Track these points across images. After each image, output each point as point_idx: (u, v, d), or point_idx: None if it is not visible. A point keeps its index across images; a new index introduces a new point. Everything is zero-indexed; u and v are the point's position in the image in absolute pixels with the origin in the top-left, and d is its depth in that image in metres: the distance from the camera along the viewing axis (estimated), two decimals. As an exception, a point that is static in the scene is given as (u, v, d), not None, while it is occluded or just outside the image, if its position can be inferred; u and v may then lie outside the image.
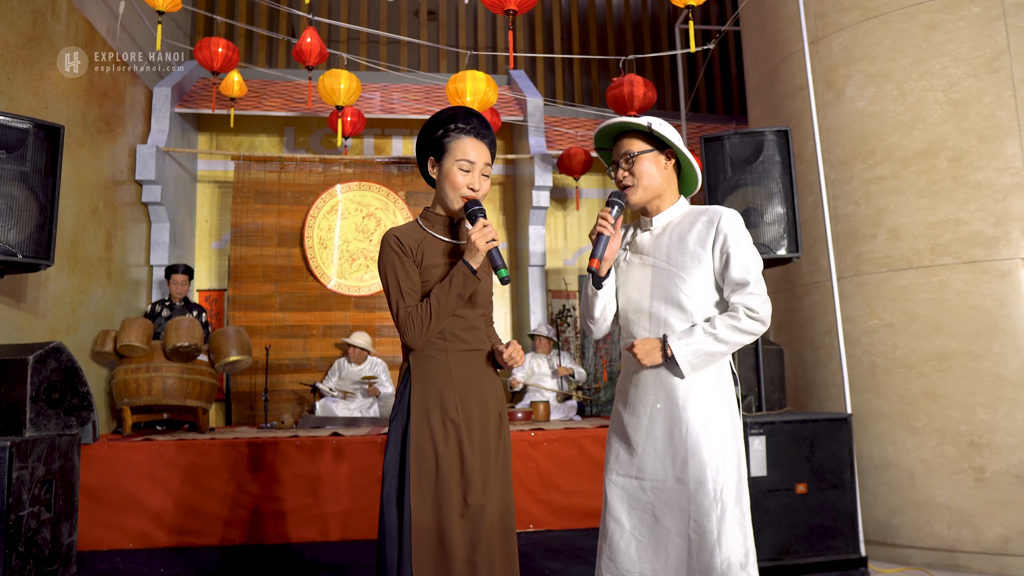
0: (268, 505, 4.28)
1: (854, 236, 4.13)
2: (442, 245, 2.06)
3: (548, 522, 4.54)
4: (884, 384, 3.96)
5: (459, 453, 1.96)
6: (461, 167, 2.00)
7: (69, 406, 3.62)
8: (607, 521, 2.07)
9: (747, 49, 5.31)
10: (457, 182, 2.00)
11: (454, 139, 2.02)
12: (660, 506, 1.98)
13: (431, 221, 2.08)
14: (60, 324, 4.98)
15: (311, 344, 7.20)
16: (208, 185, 7.66)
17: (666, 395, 2.00)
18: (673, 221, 2.11)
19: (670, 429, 1.99)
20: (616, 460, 2.08)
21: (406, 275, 1.98)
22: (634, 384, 2.07)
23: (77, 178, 5.27)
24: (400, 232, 2.03)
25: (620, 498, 2.05)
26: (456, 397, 1.98)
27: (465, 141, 2.02)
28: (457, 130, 2.03)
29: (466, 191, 2.00)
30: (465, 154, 2.00)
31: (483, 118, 2.09)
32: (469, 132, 2.03)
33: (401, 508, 1.91)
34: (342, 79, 5.83)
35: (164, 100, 6.72)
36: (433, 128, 2.07)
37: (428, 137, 2.08)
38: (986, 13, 3.84)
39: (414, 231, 2.06)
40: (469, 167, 2.00)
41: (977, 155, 3.80)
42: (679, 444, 1.97)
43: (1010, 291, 3.68)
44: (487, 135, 2.07)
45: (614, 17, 9.27)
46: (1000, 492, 3.61)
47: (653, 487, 1.99)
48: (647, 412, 2.03)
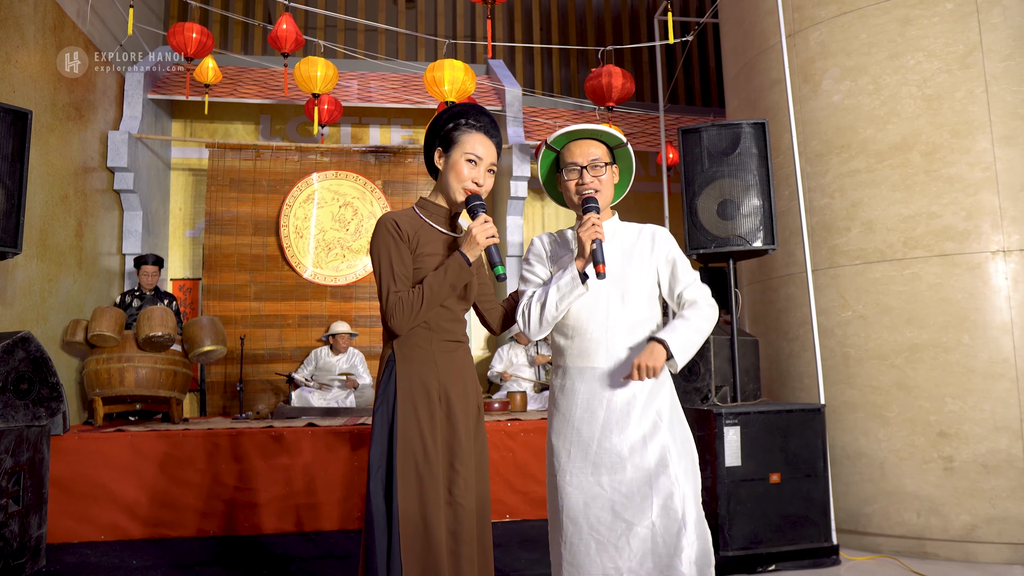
0: (243, 496, 4.25)
1: (829, 229, 4.17)
2: (438, 235, 2.06)
3: (524, 512, 4.55)
4: (857, 375, 4.02)
5: (445, 443, 1.96)
6: (468, 159, 2.03)
7: (38, 397, 3.56)
8: (564, 525, 2.04)
9: (725, 41, 5.33)
10: (463, 174, 2.02)
11: (464, 133, 2.05)
12: (619, 500, 1.99)
13: (429, 211, 2.09)
14: (29, 313, 4.89)
15: (287, 334, 7.14)
16: (182, 173, 7.55)
17: (621, 390, 2.05)
18: (617, 232, 2.20)
19: (627, 421, 2.03)
20: (568, 460, 2.07)
21: (400, 260, 1.97)
22: (584, 381, 2.09)
23: (46, 164, 5.16)
24: (398, 216, 2.03)
25: (576, 499, 2.03)
26: (441, 386, 1.98)
27: (475, 136, 2.05)
28: (468, 125, 2.06)
29: (470, 184, 2.02)
30: (474, 148, 2.03)
31: (494, 119, 2.13)
32: (479, 129, 2.06)
33: (390, 499, 1.90)
34: (319, 67, 5.76)
35: (137, 86, 6.61)
36: (444, 120, 2.09)
37: (438, 128, 2.10)
38: (960, 9, 3.88)
39: (412, 218, 2.06)
40: (477, 161, 2.03)
41: (950, 150, 3.85)
42: (637, 433, 2.02)
43: (980, 284, 3.74)
44: (495, 135, 2.10)
45: (593, 7, 9.26)
46: (967, 481, 3.68)
47: (611, 481, 2.00)
48: (603, 407, 2.05)
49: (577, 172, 2.15)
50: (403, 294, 1.95)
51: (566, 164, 2.17)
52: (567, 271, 2.06)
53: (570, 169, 2.16)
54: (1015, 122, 3.77)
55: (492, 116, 2.12)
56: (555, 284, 2.07)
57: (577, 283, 2.03)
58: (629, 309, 2.10)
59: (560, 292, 2.06)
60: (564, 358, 2.15)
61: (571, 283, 2.05)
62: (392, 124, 8.03)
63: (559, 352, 2.18)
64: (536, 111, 7.97)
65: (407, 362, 1.98)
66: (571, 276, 2.05)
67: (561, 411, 2.13)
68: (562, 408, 2.13)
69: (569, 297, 2.05)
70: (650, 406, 2.04)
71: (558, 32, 9.10)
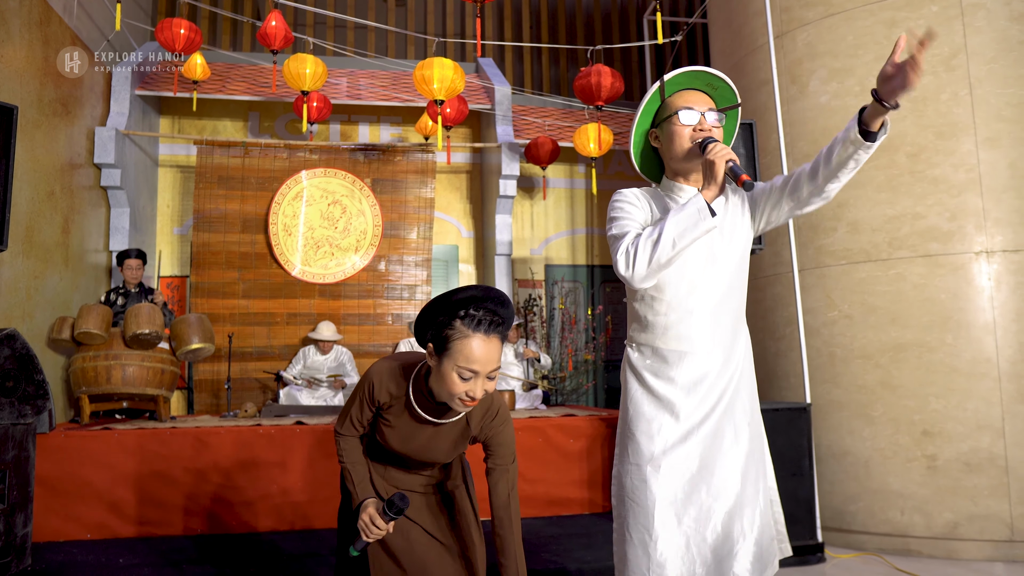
0: (230, 494, 4.24)
1: (815, 229, 4.20)
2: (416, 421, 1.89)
3: (513, 510, 4.56)
4: (843, 374, 4.05)
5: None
6: (462, 375, 1.67)
7: (24, 394, 3.54)
8: (653, 523, 1.82)
9: (714, 42, 5.36)
10: (455, 388, 1.69)
11: (460, 336, 1.67)
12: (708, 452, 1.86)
13: (418, 393, 1.86)
14: (14, 310, 4.85)
15: (275, 332, 7.12)
16: (170, 170, 7.51)
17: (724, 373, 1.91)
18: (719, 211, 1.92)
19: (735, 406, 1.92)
20: (659, 434, 1.87)
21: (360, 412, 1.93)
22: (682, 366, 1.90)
23: (32, 161, 5.12)
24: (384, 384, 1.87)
25: (667, 487, 1.84)
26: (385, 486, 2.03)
27: (472, 342, 1.66)
28: (466, 321, 1.67)
29: (464, 397, 1.69)
30: (469, 362, 1.66)
31: (501, 298, 1.74)
32: (480, 326, 1.67)
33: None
34: (308, 64, 5.74)
35: (124, 82, 6.56)
36: (439, 310, 1.72)
37: (431, 318, 1.74)
38: (945, 12, 3.92)
39: (397, 389, 1.87)
40: (472, 375, 1.67)
41: (934, 151, 3.89)
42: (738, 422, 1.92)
43: (963, 284, 3.78)
44: (502, 321, 1.72)
45: (583, 7, 9.27)
46: (950, 479, 3.72)
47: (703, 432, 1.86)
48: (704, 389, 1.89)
49: (696, 116, 1.87)
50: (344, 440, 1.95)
51: (678, 108, 1.88)
52: (689, 203, 1.74)
53: (686, 112, 1.87)
54: (998, 124, 3.81)
55: (499, 297, 1.73)
56: (673, 217, 1.74)
57: (705, 214, 1.71)
58: (737, 270, 1.93)
59: (680, 226, 1.72)
60: (651, 336, 1.94)
61: (696, 215, 1.72)
62: (381, 122, 8.01)
63: (642, 328, 1.95)
64: (525, 110, 7.97)
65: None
66: (696, 207, 1.72)
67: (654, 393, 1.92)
68: (654, 390, 1.91)
69: (693, 232, 1.72)
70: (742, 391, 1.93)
71: (548, 31, 9.11)
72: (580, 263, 8.21)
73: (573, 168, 8.23)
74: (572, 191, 8.28)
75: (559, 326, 7.75)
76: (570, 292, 8.08)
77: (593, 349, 7.70)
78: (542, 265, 8.07)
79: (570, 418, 4.84)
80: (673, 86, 1.92)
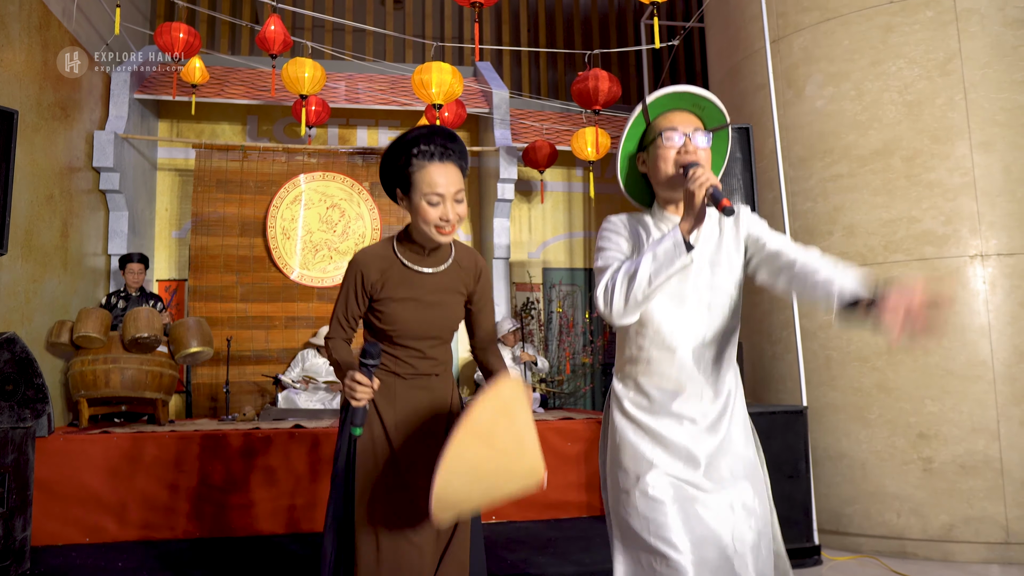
0: (229, 498, 4.24)
1: (812, 232, 4.23)
2: (410, 275, 1.99)
3: (511, 513, 4.57)
4: (839, 377, 4.07)
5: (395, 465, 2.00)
6: (430, 201, 1.86)
7: (23, 398, 3.54)
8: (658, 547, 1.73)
9: (711, 46, 5.38)
10: (428, 217, 1.87)
11: (418, 168, 1.86)
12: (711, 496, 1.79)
13: (405, 247, 2.00)
14: (13, 314, 4.86)
15: (273, 335, 7.12)
16: (168, 173, 7.52)
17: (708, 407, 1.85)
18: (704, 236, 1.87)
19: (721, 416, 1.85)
20: (644, 460, 1.80)
21: (350, 303, 1.99)
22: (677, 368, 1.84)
23: (31, 164, 5.13)
24: (368, 259, 1.97)
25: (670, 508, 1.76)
26: (396, 414, 2.01)
27: (431, 169, 1.86)
28: (421, 155, 1.87)
29: (439, 223, 1.87)
30: (432, 185, 1.85)
31: (447, 133, 1.91)
32: (434, 156, 1.86)
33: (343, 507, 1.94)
34: (306, 68, 5.76)
35: (123, 85, 6.58)
36: (395, 156, 1.92)
37: (391, 166, 1.94)
38: (939, 17, 3.95)
39: (384, 257, 1.98)
40: (439, 199, 1.86)
41: (930, 155, 3.91)
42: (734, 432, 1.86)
43: (958, 288, 3.81)
44: (454, 152, 1.90)
45: (580, 11, 9.30)
46: (946, 481, 3.74)
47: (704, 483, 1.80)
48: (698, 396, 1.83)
49: (681, 138, 1.79)
50: (334, 343, 2.00)
51: (661, 130, 1.81)
52: (667, 236, 1.68)
53: (668, 134, 1.79)
54: (993, 128, 3.84)
55: (445, 132, 1.92)
56: (650, 252, 1.69)
57: (681, 250, 1.63)
58: (724, 300, 1.87)
59: (657, 262, 1.66)
60: (633, 371, 1.89)
61: (672, 250, 1.65)
62: (380, 126, 8.03)
63: (626, 361, 1.90)
64: (523, 113, 8.00)
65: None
66: (673, 241, 1.65)
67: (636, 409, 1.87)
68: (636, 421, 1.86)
69: (668, 268, 1.66)
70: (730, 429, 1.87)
71: (545, 35, 9.13)
72: (578, 266, 8.22)
73: (571, 172, 8.25)
74: (570, 195, 8.31)
75: (557, 329, 7.76)
76: (568, 295, 8.10)
77: (591, 352, 7.71)
78: (540, 268, 8.09)
79: (568, 421, 4.86)
80: (657, 108, 1.84)
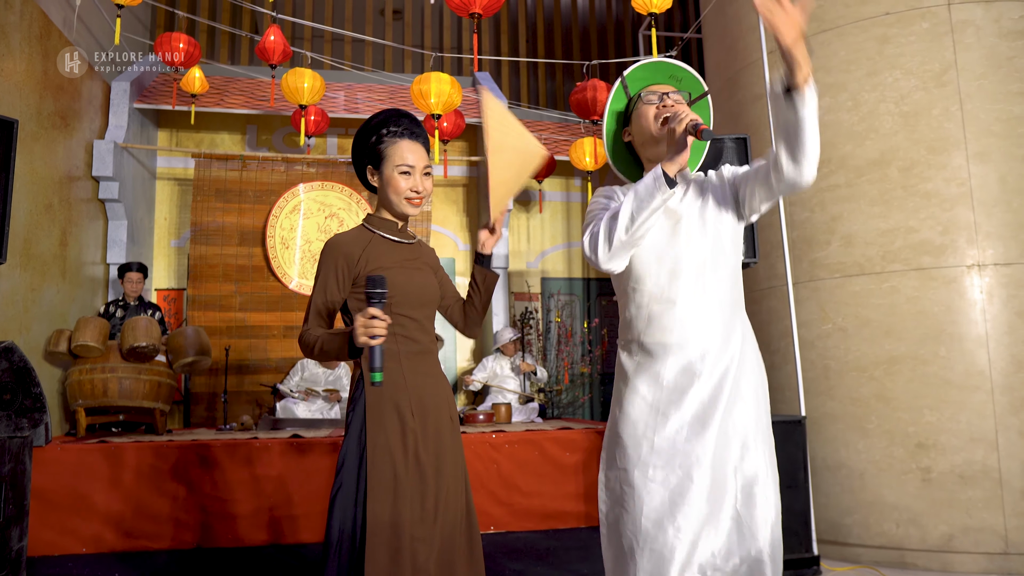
0: (227, 508, 4.23)
1: (809, 242, 4.24)
2: (390, 246, 2.06)
3: (509, 523, 4.56)
4: (837, 387, 4.07)
5: (416, 456, 1.94)
6: (401, 171, 2.01)
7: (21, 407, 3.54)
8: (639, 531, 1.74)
9: (708, 57, 5.41)
10: (400, 187, 2.01)
11: (389, 144, 2.03)
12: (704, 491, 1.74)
13: (376, 225, 2.08)
14: (12, 323, 4.86)
15: (272, 345, 7.12)
16: (168, 182, 7.53)
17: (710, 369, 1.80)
18: (691, 184, 1.92)
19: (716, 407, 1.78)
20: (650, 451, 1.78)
21: (327, 287, 2.00)
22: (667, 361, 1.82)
23: (31, 173, 5.14)
24: (344, 241, 2.02)
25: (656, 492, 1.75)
26: (411, 400, 1.96)
27: (401, 145, 2.02)
28: (391, 134, 2.03)
29: (410, 194, 2.02)
30: (403, 159, 2.01)
31: (413, 117, 2.09)
32: (403, 135, 2.03)
33: (353, 513, 1.89)
34: (306, 78, 5.79)
35: (123, 95, 6.60)
36: (367, 135, 2.07)
37: (363, 145, 2.08)
38: (935, 29, 3.97)
39: (359, 237, 2.05)
40: (409, 170, 2.01)
41: (926, 165, 3.93)
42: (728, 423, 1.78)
43: (956, 297, 3.81)
44: (420, 134, 2.08)
45: (579, 22, 9.35)
46: (945, 492, 3.74)
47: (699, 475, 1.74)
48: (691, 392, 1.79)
49: (657, 97, 1.88)
50: (307, 332, 1.99)
51: (642, 97, 1.90)
52: (648, 174, 1.71)
53: (648, 97, 1.89)
54: (989, 139, 3.86)
55: (411, 116, 2.09)
56: (632, 191, 1.73)
57: (661, 183, 1.66)
58: (715, 273, 1.84)
59: (638, 197, 1.69)
60: (635, 331, 1.87)
61: (652, 184, 1.68)
62: (379, 135, 8.05)
63: (628, 325, 1.89)
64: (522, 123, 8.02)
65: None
66: (653, 176, 1.68)
67: (639, 393, 1.83)
68: (640, 390, 1.83)
69: (650, 202, 1.68)
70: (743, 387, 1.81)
71: (544, 45, 9.17)
72: (576, 276, 8.23)
73: (569, 181, 8.27)
74: (568, 204, 8.32)
75: (555, 339, 7.76)
76: (566, 305, 8.11)
77: (589, 362, 7.71)
78: (538, 278, 8.10)
79: (566, 431, 4.85)
80: (636, 83, 1.93)
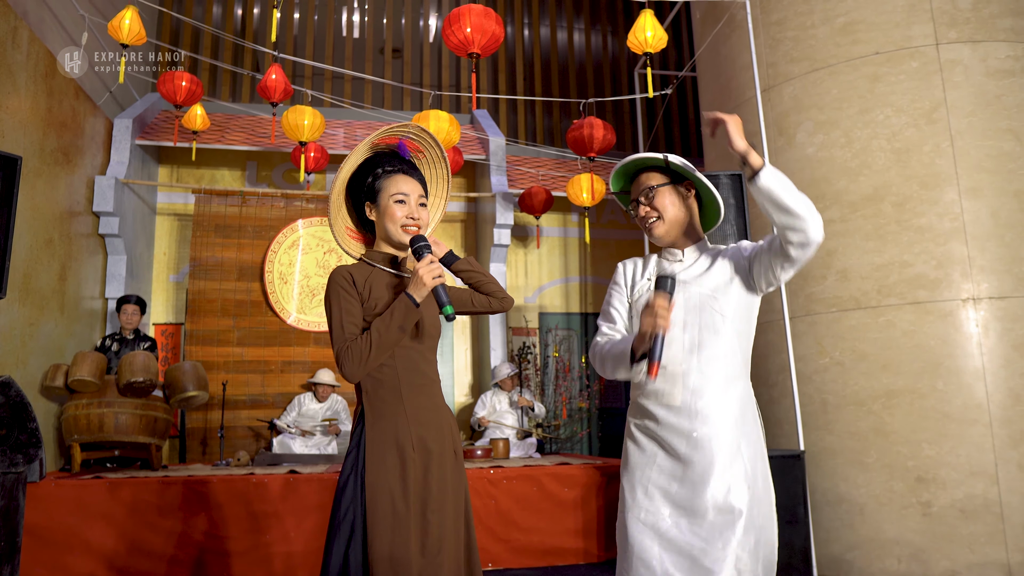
0: (222, 544, 4.18)
1: (805, 277, 4.27)
2: (389, 279, 2.08)
3: (507, 560, 4.51)
4: (835, 421, 4.07)
5: (417, 493, 1.93)
6: (396, 199, 2.05)
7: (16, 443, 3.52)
8: (634, 566, 1.88)
9: (703, 95, 5.50)
10: (396, 215, 2.04)
11: (385, 179, 2.07)
12: (699, 545, 1.83)
13: (375, 260, 2.11)
14: (9, 357, 4.85)
15: (269, 380, 7.10)
16: (168, 218, 7.58)
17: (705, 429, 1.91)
18: (703, 254, 2.08)
19: (711, 458, 1.88)
20: (644, 496, 1.93)
21: (349, 311, 1.98)
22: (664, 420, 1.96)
23: (32, 208, 5.18)
24: (348, 269, 2.05)
25: (650, 539, 1.89)
26: (412, 435, 1.96)
27: (396, 177, 2.07)
28: (386, 172, 2.08)
29: (406, 221, 2.04)
30: (398, 188, 2.05)
31: (404, 157, 2.15)
32: (397, 171, 2.08)
33: (348, 549, 1.87)
34: (306, 115, 5.86)
35: (125, 132, 6.67)
36: (362, 177, 2.11)
37: (360, 186, 2.12)
38: (924, 68, 4.06)
39: (361, 268, 2.08)
40: (404, 198, 2.05)
41: (919, 201, 3.98)
42: (722, 474, 1.87)
43: (952, 331, 3.83)
44: (415, 171, 2.13)
45: (575, 60, 9.51)
46: (946, 526, 3.71)
47: (691, 525, 1.86)
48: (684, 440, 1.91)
49: (635, 206, 2.10)
50: (351, 343, 1.94)
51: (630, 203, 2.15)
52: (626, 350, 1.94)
53: (630, 210, 2.14)
54: (980, 175, 3.91)
55: (405, 157, 2.15)
56: (611, 354, 1.99)
57: (626, 363, 1.93)
58: (709, 332, 1.96)
59: (616, 363, 1.98)
60: (636, 390, 2.05)
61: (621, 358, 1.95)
62: (378, 171, 8.13)
63: (635, 386, 2.06)
64: (519, 160, 8.11)
65: (379, 418, 1.97)
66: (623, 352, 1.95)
67: (636, 443, 2.02)
68: (638, 438, 2.02)
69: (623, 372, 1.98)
70: (738, 445, 1.90)
71: (541, 83, 9.32)
72: (574, 311, 8.25)
73: (566, 217, 8.34)
74: (566, 240, 8.38)
75: (553, 374, 7.75)
76: (564, 340, 8.11)
77: (587, 397, 7.69)
78: (536, 313, 8.11)
79: (564, 466, 4.82)
80: (621, 181, 2.16)
